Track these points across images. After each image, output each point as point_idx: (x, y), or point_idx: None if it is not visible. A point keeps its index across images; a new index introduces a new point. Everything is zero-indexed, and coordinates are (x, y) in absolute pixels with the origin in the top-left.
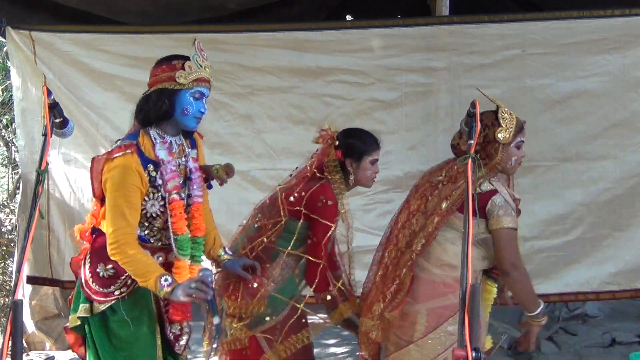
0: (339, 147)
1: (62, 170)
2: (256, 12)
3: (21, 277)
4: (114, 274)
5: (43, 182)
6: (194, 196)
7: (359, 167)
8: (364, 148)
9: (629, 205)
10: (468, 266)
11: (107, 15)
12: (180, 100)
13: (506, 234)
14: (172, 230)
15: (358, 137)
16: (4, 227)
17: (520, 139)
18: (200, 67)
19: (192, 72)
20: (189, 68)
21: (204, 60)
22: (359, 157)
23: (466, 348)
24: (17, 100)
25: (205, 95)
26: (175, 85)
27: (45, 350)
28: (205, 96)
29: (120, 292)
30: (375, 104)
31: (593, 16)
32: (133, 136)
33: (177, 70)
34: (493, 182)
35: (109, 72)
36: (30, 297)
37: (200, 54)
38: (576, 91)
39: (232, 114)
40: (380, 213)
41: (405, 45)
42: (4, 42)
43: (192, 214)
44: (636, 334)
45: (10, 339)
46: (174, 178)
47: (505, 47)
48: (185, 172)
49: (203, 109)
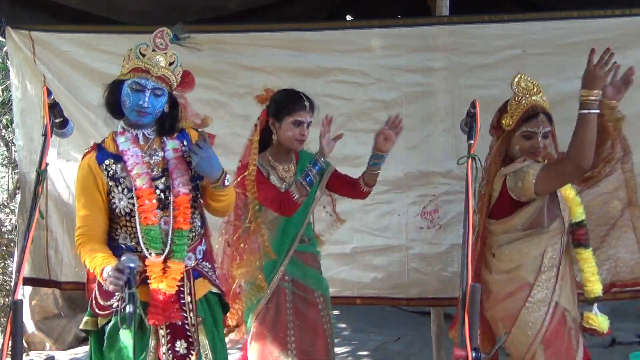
0: (267, 107)
1: (61, 171)
2: (256, 12)
3: (21, 277)
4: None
5: (43, 182)
6: (177, 188)
7: (280, 128)
8: (285, 107)
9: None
10: (468, 266)
11: (107, 15)
12: (121, 91)
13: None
14: (139, 222)
15: (284, 95)
16: (4, 227)
17: (527, 129)
18: (141, 56)
19: (130, 61)
20: (127, 57)
21: (156, 49)
22: (279, 116)
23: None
24: (16, 100)
25: (147, 87)
26: (119, 76)
27: (45, 350)
28: (147, 88)
29: (116, 305)
30: (375, 104)
31: (593, 16)
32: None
33: (124, 61)
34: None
35: (108, 72)
36: (30, 297)
37: (153, 41)
38: (576, 91)
39: (231, 114)
40: (380, 213)
41: (405, 45)
42: (4, 42)
43: (176, 206)
44: (636, 334)
45: (10, 339)
46: (137, 165)
47: (505, 47)
48: (162, 164)
49: (146, 103)
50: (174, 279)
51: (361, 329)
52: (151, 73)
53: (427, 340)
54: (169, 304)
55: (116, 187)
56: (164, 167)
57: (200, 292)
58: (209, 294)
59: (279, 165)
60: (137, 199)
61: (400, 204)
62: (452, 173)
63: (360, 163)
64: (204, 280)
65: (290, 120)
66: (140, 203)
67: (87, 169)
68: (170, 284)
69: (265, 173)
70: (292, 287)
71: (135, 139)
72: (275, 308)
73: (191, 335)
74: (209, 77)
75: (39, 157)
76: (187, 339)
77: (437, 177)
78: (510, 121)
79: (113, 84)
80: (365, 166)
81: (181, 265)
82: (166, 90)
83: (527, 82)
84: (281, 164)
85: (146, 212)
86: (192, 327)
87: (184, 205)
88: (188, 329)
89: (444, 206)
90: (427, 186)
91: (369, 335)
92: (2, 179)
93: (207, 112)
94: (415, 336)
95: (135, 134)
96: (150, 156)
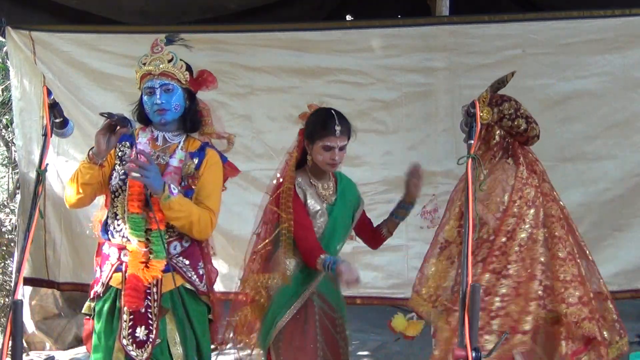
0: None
1: (59, 171)
2: (256, 12)
3: (21, 277)
4: (100, 271)
5: (43, 182)
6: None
7: (312, 150)
8: (316, 131)
9: (629, 205)
10: (468, 266)
11: (107, 15)
12: (142, 101)
13: None
14: (126, 208)
15: (317, 118)
16: (4, 227)
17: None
18: (143, 65)
19: (138, 74)
20: (136, 73)
21: (153, 53)
22: (312, 139)
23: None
24: (15, 100)
25: (156, 86)
26: (139, 90)
27: (45, 350)
28: (156, 88)
29: (100, 290)
30: (375, 104)
31: (593, 16)
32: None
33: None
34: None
35: (108, 72)
36: (30, 297)
37: (151, 50)
38: (576, 91)
39: (231, 114)
40: (380, 213)
41: (405, 45)
42: (4, 42)
43: (155, 208)
44: (636, 334)
45: (10, 339)
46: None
47: (505, 47)
48: (162, 168)
49: (158, 100)
50: (153, 273)
51: (361, 329)
52: (153, 73)
53: (428, 340)
54: (140, 291)
55: (117, 165)
56: (162, 172)
57: (169, 285)
58: (182, 288)
59: (319, 183)
60: (129, 188)
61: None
62: (452, 173)
63: (360, 163)
64: (176, 275)
65: (320, 145)
66: (130, 192)
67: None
68: (148, 277)
69: (302, 194)
70: (320, 302)
71: (154, 139)
72: (304, 320)
73: (152, 323)
74: None
75: (39, 157)
76: (147, 326)
77: (437, 176)
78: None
79: (139, 100)
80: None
81: (162, 263)
82: (176, 85)
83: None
84: (320, 181)
85: (133, 200)
86: (153, 316)
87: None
88: (150, 317)
89: (444, 206)
90: (427, 186)
91: (369, 335)
92: (2, 179)
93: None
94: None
95: (157, 135)
96: (157, 157)
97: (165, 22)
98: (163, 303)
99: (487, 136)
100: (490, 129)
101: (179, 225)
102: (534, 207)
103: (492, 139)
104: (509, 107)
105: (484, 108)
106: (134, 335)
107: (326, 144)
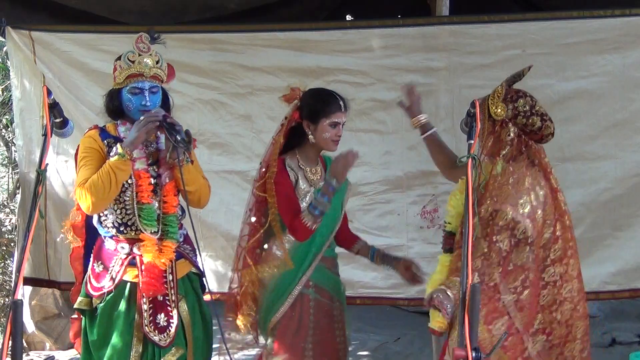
0: (299, 108)
1: (59, 171)
2: (256, 12)
3: (21, 277)
4: (103, 267)
5: (43, 182)
6: (164, 177)
7: (316, 129)
8: (320, 109)
9: (629, 205)
10: (468, 266)
11: (107, 15)
12: (122, 97)
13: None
14: (137, 200)
15: (317, 97)
16: (4, 227)
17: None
18: (131, 63)
19: (123, 71)
20: (119, 68)
21: (141, 53)
22: (315, 118)
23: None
24: (15, 100)
25: (145, 88)
26: (115, 85)
27: (45, 350)
28: (145, 89)
29: (108, 285)
30: (375, 104)
31: (593, 16)
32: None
33: (115, 72)
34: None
35: (108, 72)
36: (30, 297)
37: (137, 47)
38: (576, 91)
39: (231, 114)
40: (380, 213)
41: (405, 45)
42: (4, 42)
43: (165, 192)
44: (636, 334)
45: (10, 339)
46: (136, 149)
47: (505, 47)
48: (155, 155)
49: (148, 102)
50: (167, 256)
51: (361, 329)
52: (145, 75)
53: (427, 340)
54: (159, 278)
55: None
56: (156, 158)
57: (182, 271)
58: (191, 274)
59: (307, 167)
60: (136, 179)
61: (400, 203)
62: None
63: (360, 163)
64: (185, 261)
65: (327, 122)
66: (139, 183)
67: (91, 140)
68: (164, 260)
69: (293, 177)
70: (315, 293)
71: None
72: (299, 318)
73: (171, 310)
74: (209, 77)
75: (39, 157)
76: (167, 313)
77: (437, 176)
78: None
79: (110, 92)
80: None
81: (174, 244)
82: (160, 86)
83: None
84: (309, 165)
85: (143, 191)
86: (172, 303)
87: (172, 192)
88: (169, 304)
89: (444, 206)
90: (427, 186)
91: (369, 335)
92: (2, 179)
93: (208, 112)
94: (415, 336)
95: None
96: (146, 147)
97: (165, 22)
98: (179, 289)
99: (502, 132)
100: (505, 125)
101: (194, 189)
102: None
103: (507, 135)
104: (524, 103)
105: (499, 104)
106: (155, 322)
107: (333, 120)
